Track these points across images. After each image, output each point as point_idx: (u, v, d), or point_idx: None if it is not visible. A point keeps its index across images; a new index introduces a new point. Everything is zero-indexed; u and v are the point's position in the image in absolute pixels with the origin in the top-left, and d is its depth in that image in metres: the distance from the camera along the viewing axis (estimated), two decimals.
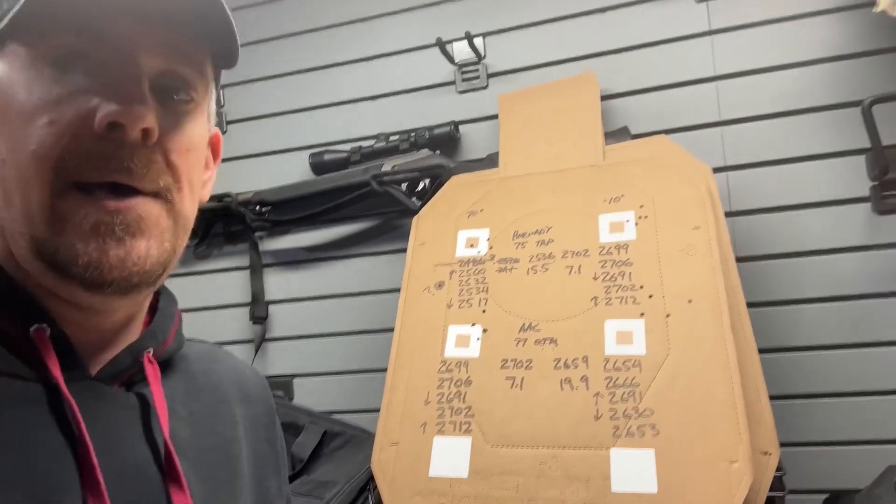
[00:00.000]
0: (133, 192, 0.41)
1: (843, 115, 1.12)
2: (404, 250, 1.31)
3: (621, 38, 1.25)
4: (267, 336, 1.41)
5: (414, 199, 1.28)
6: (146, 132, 0.40)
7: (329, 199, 1.33)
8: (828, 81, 1.13)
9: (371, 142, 1.34)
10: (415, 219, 1.19)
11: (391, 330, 1.28)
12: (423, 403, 0.96)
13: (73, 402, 0.40)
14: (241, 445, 0.54)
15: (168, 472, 0.45)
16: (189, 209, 0.45)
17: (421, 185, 1.29)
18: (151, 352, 0.48)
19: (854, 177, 1.11)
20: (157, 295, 0.52)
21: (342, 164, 1.35)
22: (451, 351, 1.00)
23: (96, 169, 0.39)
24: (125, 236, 0.40)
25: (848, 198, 1.11)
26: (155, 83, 0.42)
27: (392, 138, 1.33)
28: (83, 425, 0.40)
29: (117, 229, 0.40)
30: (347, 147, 1.36)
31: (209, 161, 0.50)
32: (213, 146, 0.52)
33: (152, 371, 0.48)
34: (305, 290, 1.41)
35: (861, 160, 1.10)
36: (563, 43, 1.29)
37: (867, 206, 1.10)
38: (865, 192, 1.10)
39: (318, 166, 1.36)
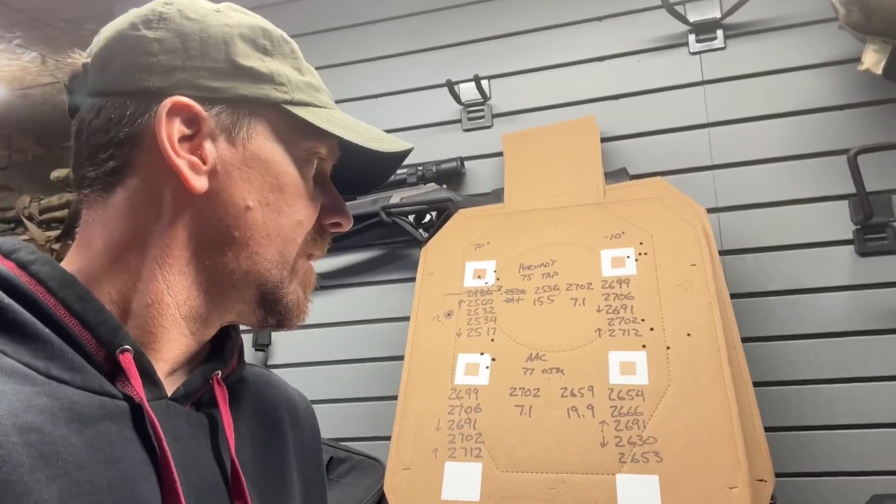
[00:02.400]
0: None
1: (828, 162, 1.20)
2: (409, 280, 1.36)
3: (620, 85, 1.33)
4: (269, 363, 1.43)
5: (420, 230, 1.33)
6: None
7: None
8: (814, 131, 1.21)
9: None
10: (423, 249, 1.23)
11: (396, 358, 1.33)
12: (435, 429, 0.99)
13: (155, 420, 0.43)
14: (293, 469, 0.57)
15: (234, 489, 0.48)
16: None
17: (427, 217, 1.34)
18: (219, 374, 0.51)
19: (838, 220, 1.18)
20: None
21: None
22: (461, 378, 1.03)
23: (317, 248, 0.54)
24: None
25: (832, 240, 1.18)
26: None
27: (399, 171, 1.38)
28: (164, 442, 0.42)
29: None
30: None
31: None
32: None
33: (221, 392, 0.51)
34: (310, 318, 1.43)
35: (844, 205, 1.18)
36: (564, 87, 1.36)
37: (851, 248, 1.17)
38: (849, 234, 1.17)
39: None
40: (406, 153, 0.56)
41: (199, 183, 0.46)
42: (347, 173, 0.57)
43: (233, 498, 0.48)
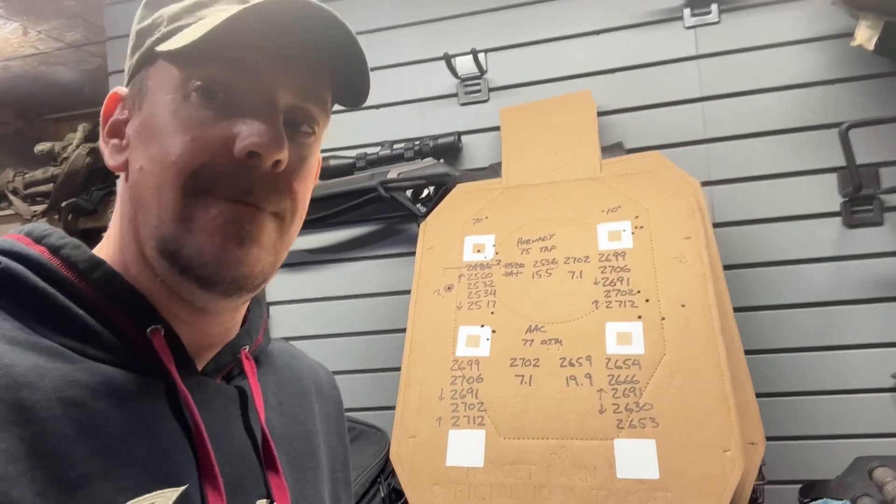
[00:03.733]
0: (257, 207, 0.45)
1: (818, 136, 1.22)
2: (408, 254, 1.38)
3: (615, 59, 1.34)
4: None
5: (418, 205, 1.34)
6: (277, 163, 0.44)
7: (335, 204, 1.38)
8: (806, 105, 1.23)
9: (376, 149, 1.40)
10: (422, 224, 1.25)
11: (396, 331, 1.35)
12: (438, 399, 1.02)
13: (188, 395, 0.44)
14: (319, 437, 0.59)
15: (265, 458, 0.50)
16: (296, 229, 0.50)
17: (425, 192, 1.35)
18: (247, 348, 0.53)
19: (827, 193, 1.21)
20: None
21: (347, 169, 1.40)
22: (462, 350, 1.06)
23: (228, 187, 0.43)
24: (245, 241, 0.44)
25: (821, 212, 1.22)
26: (285, 117, 0.46)
27: (396, 146, 1.38)
28: (198, 415, 0.44)
29: (241, 232, 0.44)
30: (353, 153, 1.42)
31: None
32: (316, 171, 0.57)
33: (249, 366, 0.52)
34: (306, 292, 1.45)
35: (833, 178, 1.21)
36: (560, 61, 1.37)
37: (838, 220, 1.20)
38: (837, 207, 1.20)
39: (324, 171, 1.41)
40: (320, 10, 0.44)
41: (114, 161, 0.48)
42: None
43: (264, 466, 0.49)
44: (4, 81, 2.68)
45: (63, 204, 2.46)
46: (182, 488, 0.42)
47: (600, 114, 1.31)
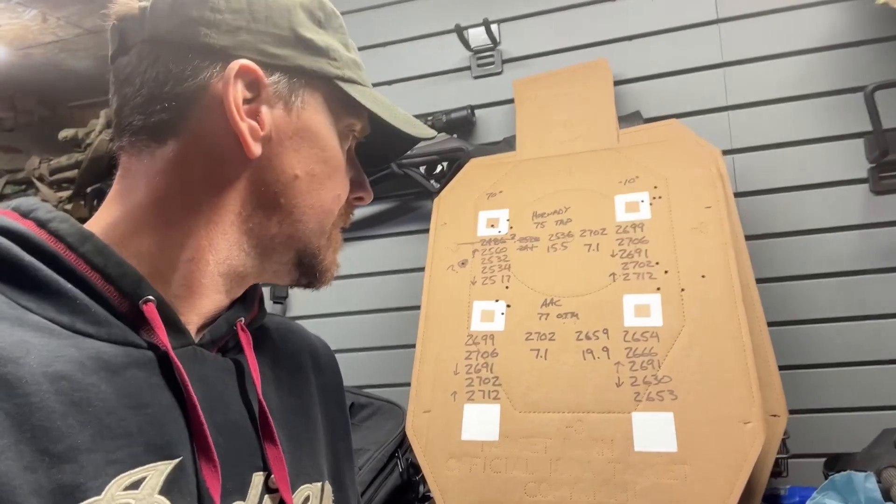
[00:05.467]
0: None
1: (843, 100, 1.18)
2: (422, 231, 1.37)
3: (632, 26, 1.30)
4: (288, 314, 1.46)
5: (432, 181, 1.33)
6: None
7: None
8: (829, 68, 1.19)
9: None
10: (436, 200, 1.23)
11: (411, 308, 1.35)
12: (453, 374, 1.01)
13: (180, 366, 0.44)
14: (317, 409, 0.59)
15: (262, 429, 0.50)
16: None
17: (439, 168, 1.34)
18: (243, 321, 0.53)
19: (853, 159, 1.17)
20: None
21: None
22: (477, 325, 1.05)
23: (345, 221, 0.57)
24: None
25: (847, 179, 1.17)
26: None
27: None
28: (190, 386, 0.44)
29: None
30: None
31: None
32: None
33: (245, 338, 0.52)
34: None
35: (859, 143, 1.17)
36: (575, 30, 1.33)
37: (865, 186, 1.16)
38: (864, 173, 1.16)
39: None
40: (425, 139, 0.59)
41: (257, 148, 0.47)
42: (366, 150, 0.59)
43: (262, 437, 0.49)
44: (27, 69, 2.71)
45: (88, 190, 2.49)
46: (176, 461, 0.42)
47: (617, 83, 1.28)
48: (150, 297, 0.44)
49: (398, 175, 1.33)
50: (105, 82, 0.50)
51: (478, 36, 1.36)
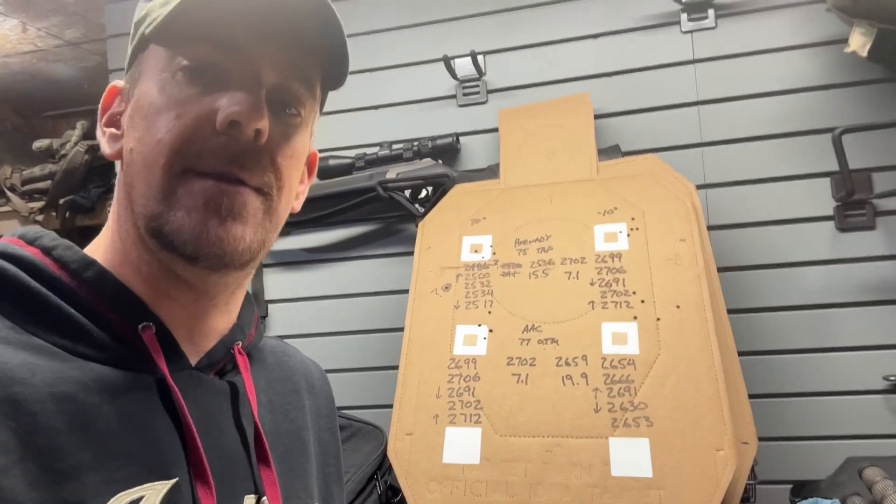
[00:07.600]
0: (240, 183, 0.45)
1: (812, 141, 1.24)
2: (406, 254, 1.39)
3: (613, 63, 1.35)
4: (266, 334, 1.45)
5: (416, 205, 1.35)
6: (258, 132, 0.44)
7: (334, 203, 1.39)
8: (799, 110, 1.25)
9: (375, 149, 1.41)
10: (420, 224, 1.26)
11: (394, 330, 1.36)
12: (435, 397, 1.03)
13: (177, 390, 0.45)
14: (310, 433, 0.60)
15: (258, 451, 0.51)
16: (283, 210, 0.50)
17: (423, 193, 1.36)
18: (240, 344, 0.54)
19: (820, 197, 1.23)
20: None
21: (346, 169, 1.41)
22: (460, 349, 1.07)
23: (213, 158, 0.44)
24: (227, 217, 0.44)
25: (814, 216, 1.23)
26: (270, 95, 0.47)
27: (395, 147, 1.39)
28: (186, 411, 0.45)
29: (222, 209, 0.44)
30: (352, 153, 1.43)
31: (304, 176, 0.56)
32: (310, 164, 0.57)
33: (242, 361, 0.53)
34: (305, 291, 1.46)
35: (826, 182, 1.23)
36: (559, 64, 1.38)
37: (831, 224, 1.22)
38: (830, 211, 1.22)
39: (323, 171, 1.42)
40: None
41: (110, 150, 0.50)
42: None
43: (256, 460, 0.51)
44: (2, 78, 2.68)
45: (61, 201, 2.46)
46: (172, 481, 0.43)
47: (597, 116, 1.33)
48: (149, 324, 0.46)
49: (383, 198, 1.35)
50: (83, 94, 0.53)
51: (464, 66, 1.40)
